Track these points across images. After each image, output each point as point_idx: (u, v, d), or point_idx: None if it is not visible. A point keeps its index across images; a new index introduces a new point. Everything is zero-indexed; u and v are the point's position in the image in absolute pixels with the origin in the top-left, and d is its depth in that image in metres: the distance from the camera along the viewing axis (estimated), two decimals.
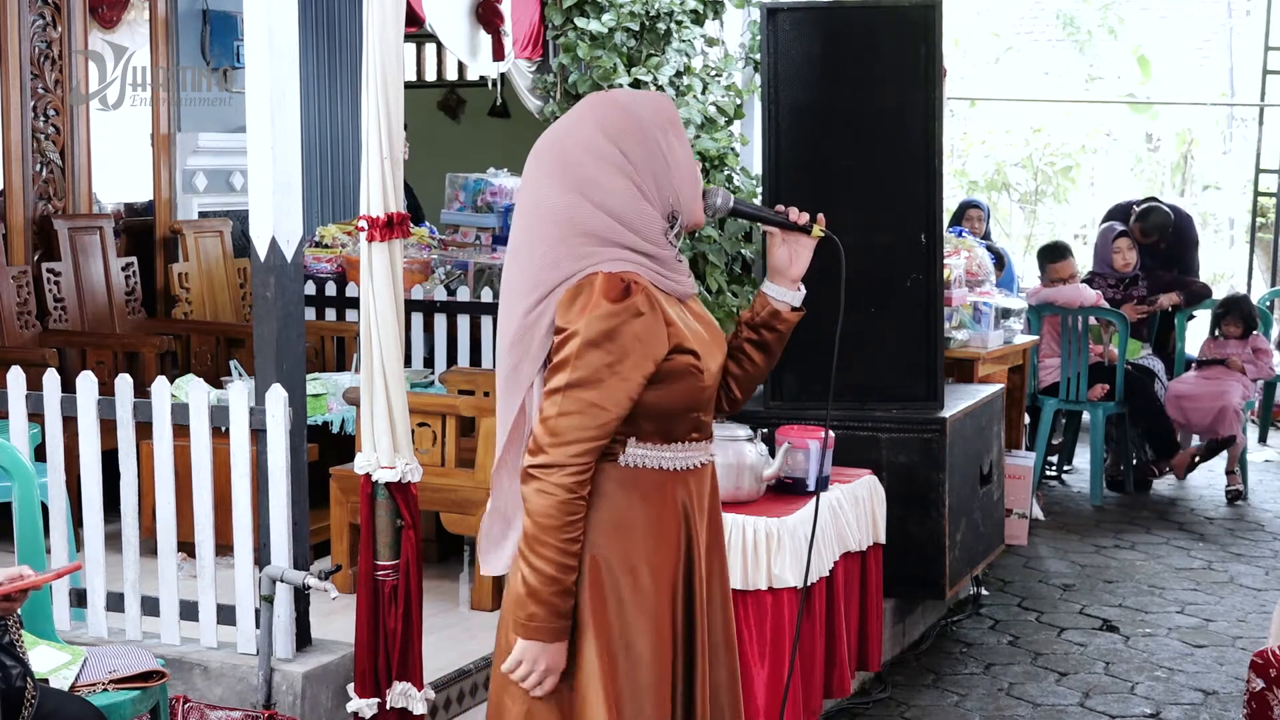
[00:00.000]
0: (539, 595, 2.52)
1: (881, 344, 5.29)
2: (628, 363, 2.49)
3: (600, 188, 2.55)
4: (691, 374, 2.58)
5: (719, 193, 2.74)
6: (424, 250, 7.02)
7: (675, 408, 2.59)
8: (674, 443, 2.63)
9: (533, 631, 2.54)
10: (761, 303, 2.79)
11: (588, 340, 2.48)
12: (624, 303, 2.49)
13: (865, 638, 4.82)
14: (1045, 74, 15.58)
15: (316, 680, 4.03)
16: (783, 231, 2.77)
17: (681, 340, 2.57)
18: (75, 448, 4.35)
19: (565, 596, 2.53)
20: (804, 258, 2.78)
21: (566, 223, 2.54)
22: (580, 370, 2.48)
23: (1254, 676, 3.81)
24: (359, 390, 3.87)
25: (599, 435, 2.51)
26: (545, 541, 2.51)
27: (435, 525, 5.19)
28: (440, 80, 11.57)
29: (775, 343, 2.80)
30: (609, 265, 2.52)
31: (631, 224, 2.55)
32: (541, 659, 2.55)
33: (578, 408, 2.49)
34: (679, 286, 2.63)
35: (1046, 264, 8.31)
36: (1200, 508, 7.96)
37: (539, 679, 2.55)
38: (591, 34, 5.84)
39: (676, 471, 2.64)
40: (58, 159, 6.75)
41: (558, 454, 2.50)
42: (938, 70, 5.42)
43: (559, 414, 2.50)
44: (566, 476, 2.50)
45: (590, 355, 2.48)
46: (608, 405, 2.49)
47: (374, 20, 3.72)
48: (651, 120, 2.61)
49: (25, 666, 2.99)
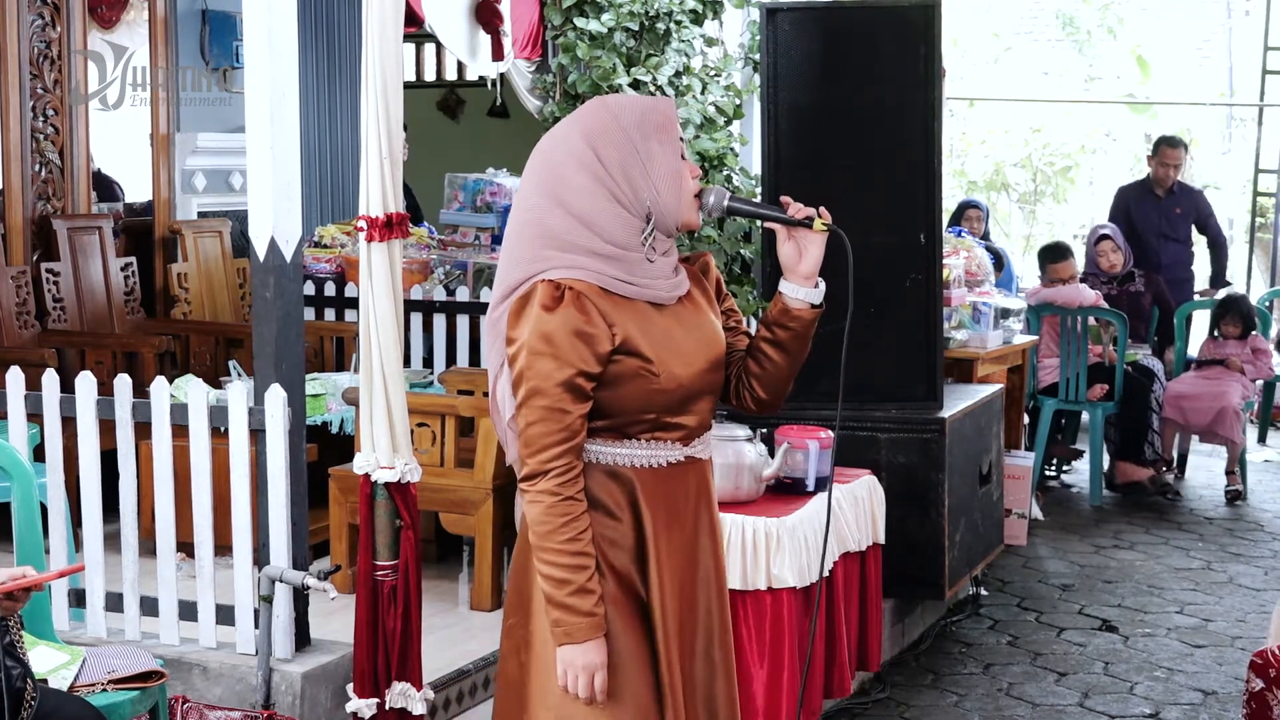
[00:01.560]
0: (556, 600, 2.58)
1: (881, 344, 5.28)
2: (572, 362, 2.55)
3: (569, 188, 2.60)
4: (641, 376, 2.61)
5: (714, 191, 2.72)
6: (423, 250, 7.02)
7: (626, 408, 2.62)
8: (626, 440, 2.66)
9: (562, 636, 2.59)
10: (776, 300, 2.78)
11: (531, 350, 2.56)
12: (557, 308, 2.55)
13: (865, 638, 4.82)
14: (1045, 74, 15.58)
15: (315, 680, 4.03)
16: (785, 228, 2.74)
17: (629, 342, 2.59)
18: (74, 448, 4.35)
19: (582, 595, 2.57)
20: (813, 253, 2.73)
21: (533, 222, 2.63)
22: (532, 379, 2.56)
23: (1253, 676, 3.81)
24: (358, 390, 3.87)
25: (567, 435, 2.57)
26: (546, 547, 2.58)
27: (434, 525, 5.19)
28: (440, 80, 11.58)
29: (791, 340, 2.77)
30: (556, 272, 2.59)
31: (595, 225, 2.59)
32: (578, 660, 2.59)
33: (539, 415, 2.56)
34: (646, 291, 2.63)
35: (1047, 264, 8.32)
36: (1200, 508, 7.96)
37: (587, 680, 2.59)
38: (591, 34, 5.83)
39: (636, 469, 2.66)
40: (57, 159, 6.74)
41: (535, 463, 2.58)
42: (937, 70, 5.42)
43: (526, 425, 2.58)
44: (549, 481, 2.57)
45: (537, 363, 2.55)
46: (564, 405, 2.56)
47: (374, 20, 3.72)
48: (632, 123, 2.63)
49: (25, 667, 2.99)
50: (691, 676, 2.74)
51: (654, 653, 2.67)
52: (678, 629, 2.70)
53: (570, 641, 2.58)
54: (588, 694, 2.59)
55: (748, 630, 4.21)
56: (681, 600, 2.72)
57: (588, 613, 2.57)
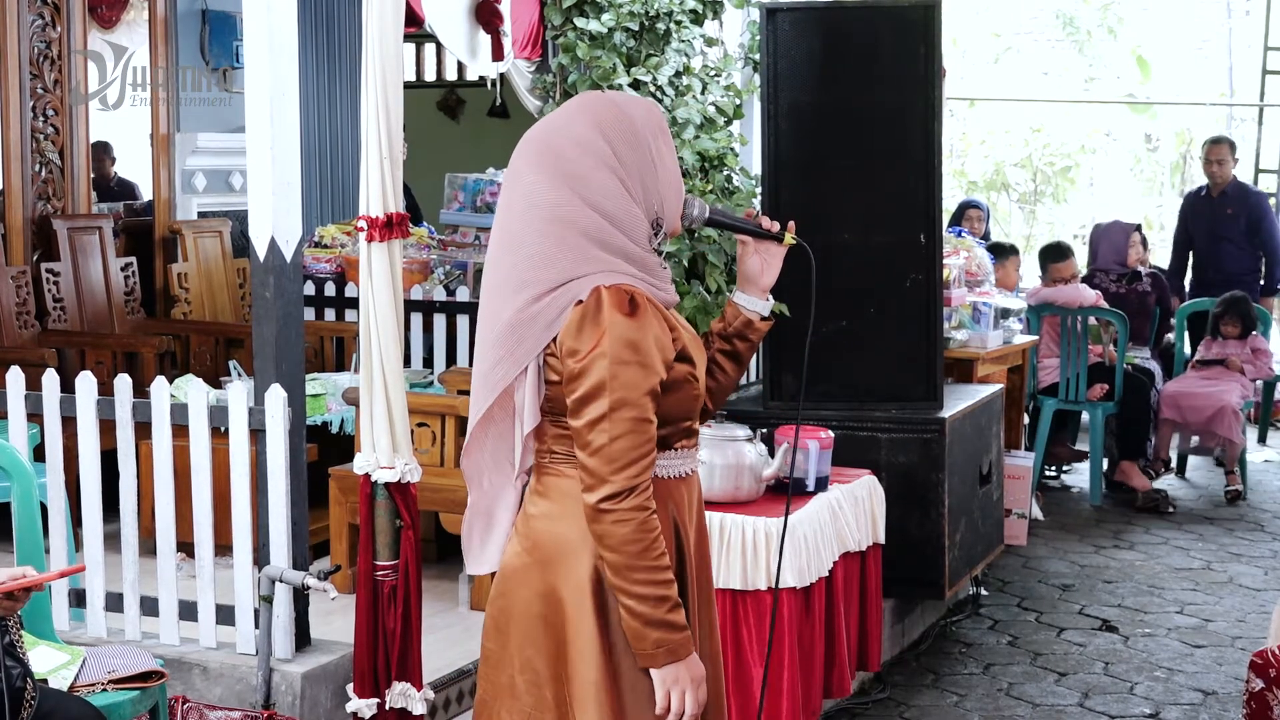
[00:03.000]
0: (653, 620, 2.47)
1: (881, 344, 5.29)
2: (656, 370, 2.47)
3: (591, 185, 2.51)
4: (689, 382, 2.57)
5: (695, 202, 2.71)
6: (423, 250, 7.01)
7: (674, 416, 2.57)
8: (666, 450, 2.60)
9: (665, 656, 2.49)
10: (734, 312, 2.77)
11: (617, 359, 2.43)
12: (637, 314, 2.46)
13: (865, 638, 4.82)
14: (1045, 74, 15.60)
15: (316, 680, 4.03)
16: (755, 240, 2.74)
17: (684, 348, 2.57)
18: (74, 448, 4.35)
19: (677, 610, 2.49)
20: (775, 267, 2.75)
21: (559, 220, 2.50)
22: (618, 390, 2.43)
23: (1253, 676, 3.81)
24: (358, 390, 3.87)
25: (651, 448, 2.48)
26: (637, 567, 2.46)
27: (435, 525, 5.19)
28: (440, 80, 11.58)
29: (746, 352, 2.78)
30: (605, 276, 2.48)
31: (621, 224, 2.52)
32: (685, 675, 2.50)
33: (626, 428, 2.44)
34: (664, 295, 2.59)
35: (1048, 264, 8.32)
36: (1200, 508, 7.96)
37: (696, 693, 2.51)
38: (591, 34, 5.83)
39: (669, 480, 2.62)
40: (57, 159, 6.75)
41: (621, 480, 2.44)
42: (937, 70, 5.42)
43: (610, 440, 2.44)
44: (637, 498, 2.45)
45: (624, 373, 2.43)
46: (650, 415, 2.47)
47: (374, 20, 3.72)
48: (644, 123, 2.58)
49: (25, 667, 2.99)
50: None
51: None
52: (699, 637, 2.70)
53: (675, 659, 2.49)
54: (697, 708, 2.51)
55: (748, 630, 4.21)
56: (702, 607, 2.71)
57: (684, 625, 2.50)
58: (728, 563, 4.23)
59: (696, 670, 2.51)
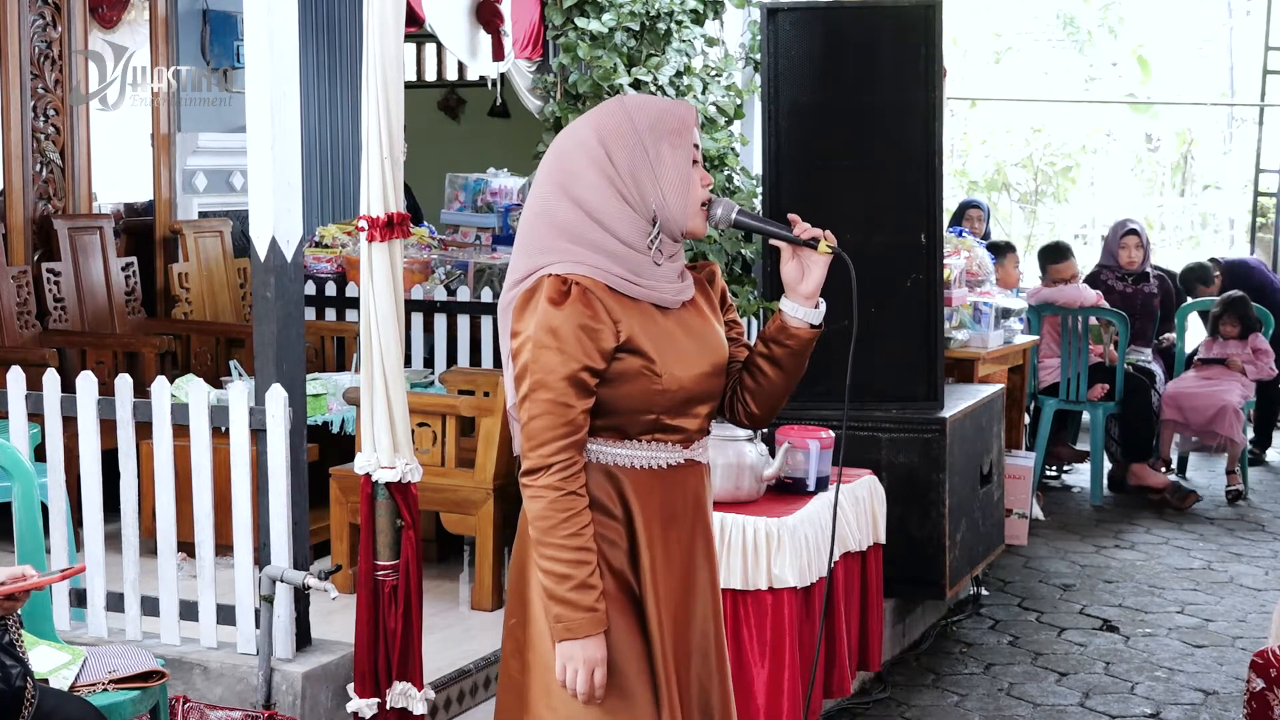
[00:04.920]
0: (557, 595, 2.58)
1: (881, 344, 5.28)
2: (577, 356, 2.55)
3: (579, 183, 2.62)
4: (643, 375, 2.61)
5: (722, 203, 2.71)
6: (424, 250, 7.02)
7: (626, 407, 2.63)
8: (626, 440, 2.66)
9: (563, 632, 2.58)
10: (775, 317, 2.78)
11: (537, 343, 2.56)
12: (564, 303, 2.55)
13: (865, 637, 4.82)
14: (1045, 74, 15.60)
15: (316, 680, 4.03)
16: (790, 246, 2.73)
17: (632, 340, 2.59)
18: (75, 448, 4.35)
19: (584, 590, 2.57)
20: (815, 274, 2.71)
21: (540, 213, 2.64)
22: (537, 372, 2.56)
23: (1254, 676, 3.81)
24: (359, 390, 3.87)
25: (570, 430, 2.57)
26: (547, 542, 2.58)
27: (435, 525, 5.19)
28: (440, 80, 11.58)
29: (787, 358, 2.75)
30: (563, 266, 2.59)
31: (605, 222, 2.60)
32: (578, 655, 2.58)
33: (542, 409, 2.56)
34: (651, 293, 2.64)
35: (1048, 264, 8.31)
36: (1200, 508, 7.96)
37: (586, 675, 2.58)
38: (592, 34, 5.84)
39: (636, 470, 2.66)
40: (57, 159, 6.75)
41: (536, 457, 2.58)
42: (938, 70, 5.42)
43: (529, 418, 2.58)
44: (551, 476, 2.57)
45: (542, 356, 2.55)
46: (568, 400, 2.56)
47: (374, 20, 3.72)
48: (646, 125, 2.64)
49: (25, 666, 2.99)
50: (688, 676, 2.74)
51: (650, 652, 2.67)
52: (673, 629, 2.70)
53: (571, 637, 2.57)
54: (587, 689, 2.58)
55: (748, 630, 4.21)
56: (678, 601, 2.72)
57: (589, 608, 2.57)
58: (728, 563, 4.22)
59: (593, 652, 2.59)
